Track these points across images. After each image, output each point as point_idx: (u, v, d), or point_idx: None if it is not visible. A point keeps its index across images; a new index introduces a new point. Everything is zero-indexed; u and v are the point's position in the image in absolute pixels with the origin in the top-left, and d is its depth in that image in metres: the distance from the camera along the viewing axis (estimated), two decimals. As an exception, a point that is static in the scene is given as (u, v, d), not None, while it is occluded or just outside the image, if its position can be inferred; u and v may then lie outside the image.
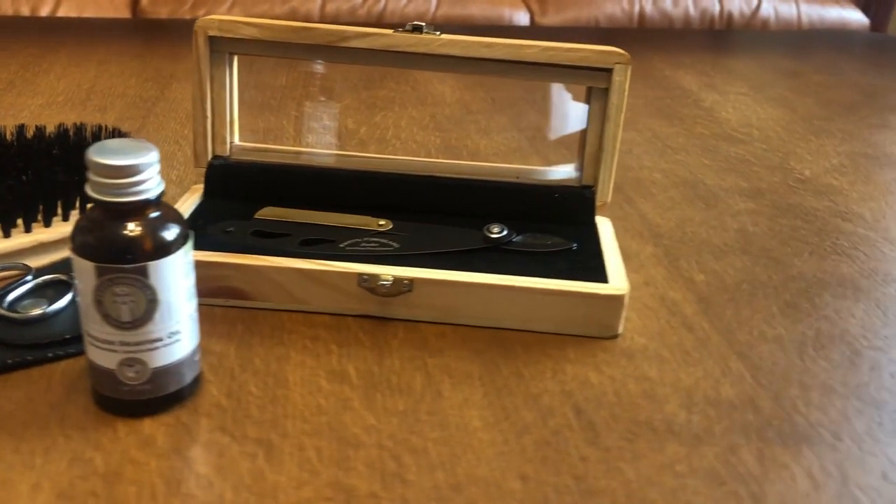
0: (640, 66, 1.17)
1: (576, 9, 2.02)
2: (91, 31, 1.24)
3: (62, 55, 1.06)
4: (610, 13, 2.05)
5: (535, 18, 1.99)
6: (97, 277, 0.40)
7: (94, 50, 1.09)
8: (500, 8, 1.98)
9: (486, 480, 0.41)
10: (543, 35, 1.37)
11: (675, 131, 0.91)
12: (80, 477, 0.40)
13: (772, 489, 0.42)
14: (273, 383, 0.47)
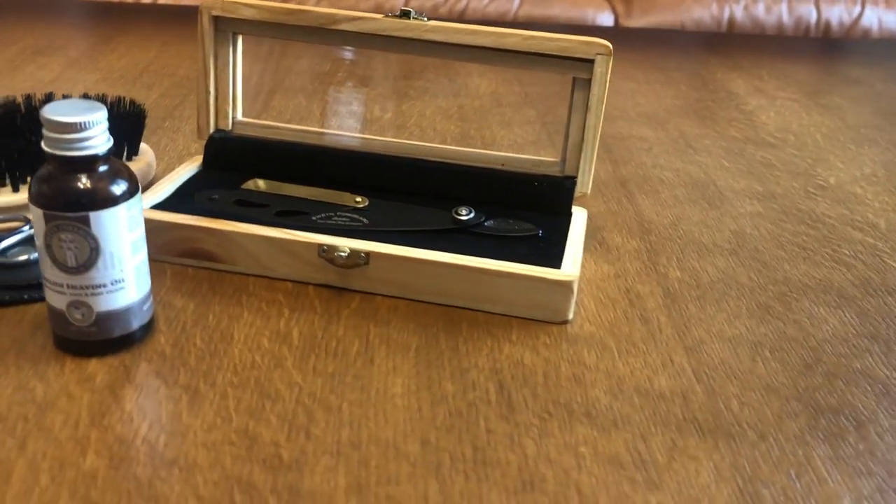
0: (692, 67, 1.14)
1: (662, 12, 1.99)
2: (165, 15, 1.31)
3: (131, 37, 1.14)
4: (698, 18, 2.01)
5: (619, 20, 1.97)
6: (46, 223, 0.44)
7: (160, 33, 1.16)
8: (584, 9, 1.97)
9: (388, 442, 0.43)
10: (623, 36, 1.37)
11: (704, 133, 0.89)
12: (18, 402, 0.44)
13: (671, 479, 0.42)
14: (218, 338, 0.50)
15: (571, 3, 2.02)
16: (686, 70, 1.12)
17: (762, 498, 0.41)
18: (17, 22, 1.17)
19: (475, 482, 0.41)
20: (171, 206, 0.59)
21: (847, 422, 0.47)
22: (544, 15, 1.99)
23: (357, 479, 0.40)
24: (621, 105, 0.96)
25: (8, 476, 0.39)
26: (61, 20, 1.21)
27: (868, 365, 0.52)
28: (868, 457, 0.44)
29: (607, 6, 2.02)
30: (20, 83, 0.91)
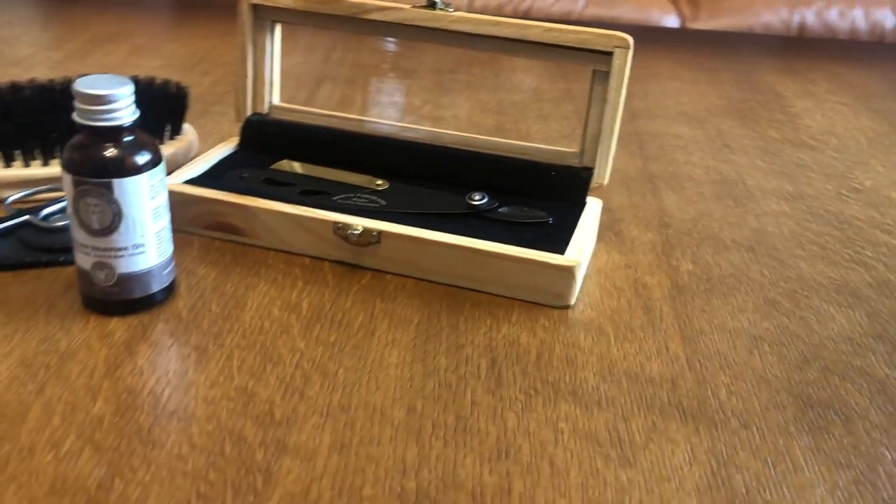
0: (743, 69, 1.13)
1: (730, 15, 1.96)
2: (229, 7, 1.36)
3: (195, 26, 1.19)
4: (767, 22, 1.97)
5: (685, 23, 1.95)
6: (74, 188, 0.48)
7: (223, 24, 1.21)
8: (649, 10, 1.96)
9: (375, 406, 0.45)
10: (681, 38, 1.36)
11: (743, 133, 0.89)
12: (42, 352, 0.48)
13: (645, 458, 0.43)
14: (232, 305, 0.53)
15: (636, 5, 2.01)
16: (736, 71, 1.11)
17: (733, 481, 0.41)
18: (90, 11, 1.24)
19: (452, 448, 0.42)
20: (203, 182, 0.63)
21: (836, 416, 0.47)
22: (609, 16, 1.98)
23: (341, 438, 0.43)
24: (663, 104, 0.96)
25: (25, 415, 0.43)
26: (132, 9, 1.27)
27: (869, 363, 0.51)
28: (851, 450, 0.44)
29: (672, 8, 2.01)
30: (86, 68, 0.97)
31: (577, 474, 0.41)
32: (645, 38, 1.26)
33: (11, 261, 0.55)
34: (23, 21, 1.16)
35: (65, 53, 1.01)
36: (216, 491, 0.39)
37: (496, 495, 0.40)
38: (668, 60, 1.15)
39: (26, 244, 0.57)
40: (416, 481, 0.40)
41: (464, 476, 0.41)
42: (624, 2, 2.01)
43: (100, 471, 0.40)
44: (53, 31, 1.11)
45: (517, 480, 0.41)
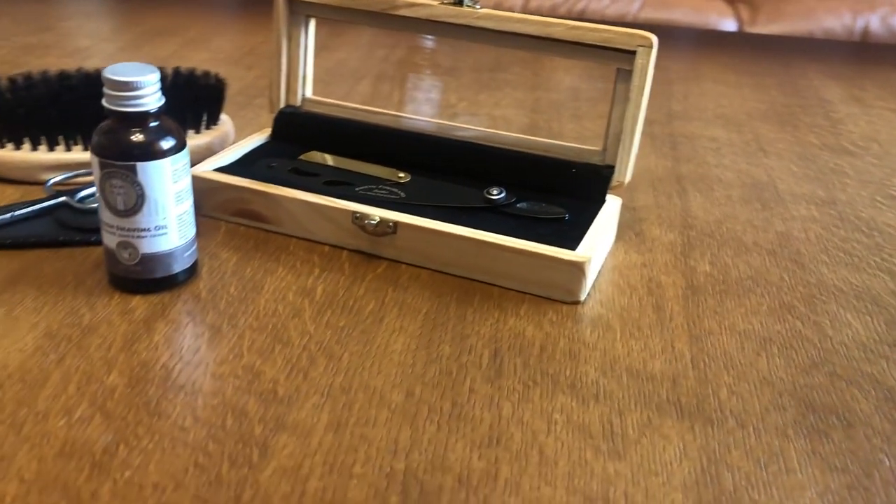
0: (789, 73, 1.11)
1: (790, 20, 1.92)
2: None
3: (245, 21, 1.22)
4: (828, 27, 1.92)
5: (743, 27, 1.92)
6: (101, 170, 0.50)
7: (279, 22, 1.24)
8: (707, 14, 1.93)
9: (375, 390, 0.46)
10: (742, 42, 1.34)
11: (780, 137, 0.87)
12: (67, 325, 0.50)
13: (635, 452, 0.43)
14: (250, 288, 0.55)
15: (693, 8, 1.98)
16: (782, 76, 1.09)
17: (722, 479, 0.41)
18: (148, 5, 1.28)
19: (445, 432, 0.43)
20: (233, 170, 0.65)
21: (837, 421, 0.46)
22: (664, 19, 1.96)
23: (338, 418, 0.44)
24: (702, 106, 0.96)
25: (44, 382, 0.45)
26: (187, 4, 1.31)
27: (880, 370, 0.51)
28: (848, 455, 0.44)
29: (731, 13, 1.97)
30: (136, 59, 1.01)
31: (565, 464, 0.42)
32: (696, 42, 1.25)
33: (46, 239, 0.58)
34: (84, 14, 1.21)
35: (119, 45, 1.05)
36: (213, 461, 0.41)
37: (482, 480, 0.41)
38: (715, 64, 1.14)
39: (62, 224, 0.60)
40: (406, 462, 0.41)
41: (453, 460, 0.42)
42: (680, 4, 1.99)
43: (107, 437, 0.42)
44: (111, 23, 1.16)
45: (505, 466, 0.42)
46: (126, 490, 0.39)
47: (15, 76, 0.71)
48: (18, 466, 0.40)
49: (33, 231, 0.59)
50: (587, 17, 1.98)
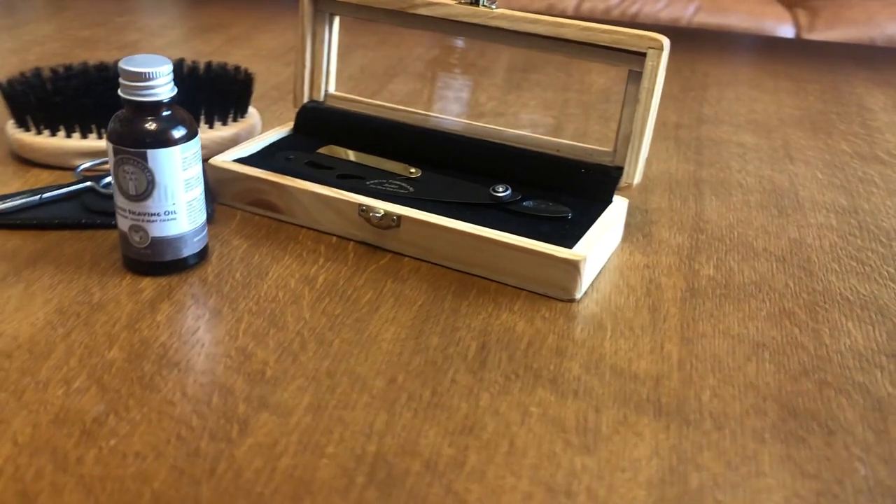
0: (832, 79, 1.09)
1: (850, 26, 1.87)
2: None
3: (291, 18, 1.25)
4: (891, 34, 1.87)
5: (800, 33, 1.88)
6: (115, 156, 0.53)
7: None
8: (763, 19, 1.89)
9: (359, 375, 0.48)
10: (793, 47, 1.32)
11: (811, 144, 0.86)
12: (77, 302, 0.53)
13: (606, 448, 0.43)
14: (255, 274, 0.57)
15: (750, 13, 1.95)
16: (825, 82, 1.07)
17: (689, 479, 0.42)
18: (198, 2, 1.32)
19: (420, 419, 0.45)
20: (252, 161, 0.67)
21: (818, 428, 0.46)
22: (719, 23, 1.93)
23: (319, 400, 0.46)
24: (734, 111, 0.94)
25: (49, 354, 0.48)
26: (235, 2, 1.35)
27: (872, 380, 0.50)
28: (823, 462, 0.43)
29: (789, 18, 1.93)
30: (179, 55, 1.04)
31: (534, 455, 0.43)
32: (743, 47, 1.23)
33: (70, 221, 0.61)
34: (138, 10, 1.25)
35: (166, 41, 1.10)
36: (195, 435, 0.43)
37: (448, 466, 0.42)
38: (757, 69, 1.12)
39: (86, 207, 0.63)
40: (378, 445, 0.43)
41: (423, 445, 0.43)
42: (736, 9, 1.95)
43: (99, 408, 0.44)
44: (161, 19, 1.20)
45: (473, 454, 0.42)
46: (109, 457, 0.41)
47: (56, 67, 0.75)
48: (14, 430, 0.42)
49: (58, 213, 0.62)
50: (640, 20, 1.96)
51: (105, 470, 0.40)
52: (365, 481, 0.40)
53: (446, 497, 0.40)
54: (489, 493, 0.40)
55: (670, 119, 0.91)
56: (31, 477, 0.40)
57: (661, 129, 0.88)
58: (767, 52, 1.24)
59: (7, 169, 0.71)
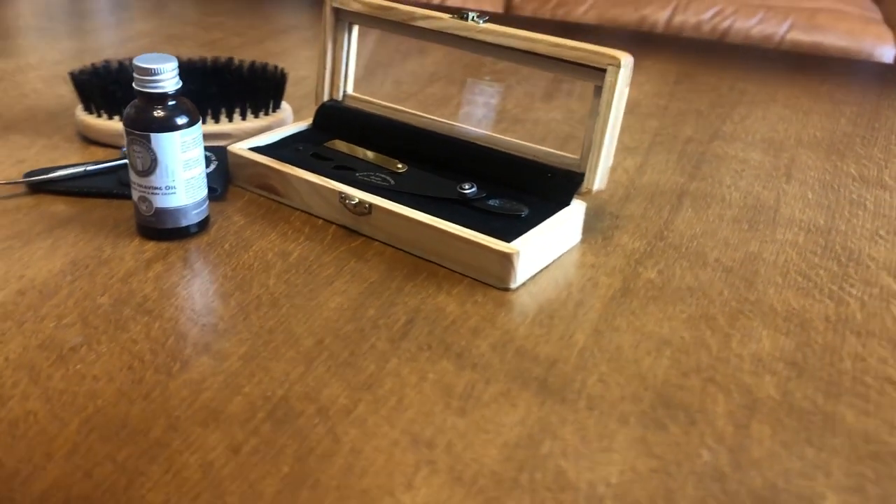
0: (878, 103, 1.07)
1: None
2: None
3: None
4: None
5: (903, 55, 1.81)
6: (127, 137, 0.63)
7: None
8: (862, 38, 1.84)
9: (293, 334, 0.56)
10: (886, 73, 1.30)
11: (818, 165, 0.87)
12: (89, 256, 0.64)
13: (479, 412, 0.49)
14: (241, 246, 0.66)
15: (848, 32, 1.89)
16: (865, 104, 1.06)
17: (541, 445, 0.47)
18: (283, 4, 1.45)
19: (330, 374, 0.52)
20: (266, 150, 0.76)
21: (684, 418, 0.50)
22: (812, 41, 1.89)
23: (253, 351, 0.54)
24: (754, 129, 0.96)
25: (53, 295, 0.59)
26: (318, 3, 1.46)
27: (758, 383, 0.53)
28: (672, 447, 0.48)
29: (891, 38, 1.87)
30: (251, 54, 1.16)
31: (414, 412, 0.49)
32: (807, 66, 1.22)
33: (104, 191, 0.73)
34: (227, 10, 1.39)
35: (244, 40, 1.22)
36: (144, 367, 0.52)
37: (338, 413, 0.49)
38: (800, 89, 1.13)
39: (120, 181, 0.74)
40: (286, 391, 0.51)
41: (324, 395, 0.50)
42: (834, 27, 1.91)
43: (77, 339, 0.54)
44: (247, 20, 1.33)
45: (363, 406, 0.50)
46: (72, 377, 0.51)
47: (120, 60, 0.87)
48: (8, 350, 0.53)
49: (96, 184, 0.73)
50: (731, 35, 1.95)
51: (65, 386, 0.50)
52: (264, 416, 0.48)
53: (325, 436, 0.47)
54: (362, 436, 0.47)
55: (684, 133, 0.94)
56: (9, 385, 0.50)
57: (672, 142, 0.91)
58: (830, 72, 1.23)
59: (73, 146, 0.84)
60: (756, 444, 0.48)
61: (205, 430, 0.47)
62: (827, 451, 0.48)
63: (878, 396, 0.53)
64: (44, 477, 0.44)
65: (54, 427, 0.47)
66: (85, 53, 1.13)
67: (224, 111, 0.84)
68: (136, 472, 0.44)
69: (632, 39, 1.46)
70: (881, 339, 0.59)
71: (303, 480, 0.44)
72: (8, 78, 1.02)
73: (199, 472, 0.44)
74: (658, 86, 1.10)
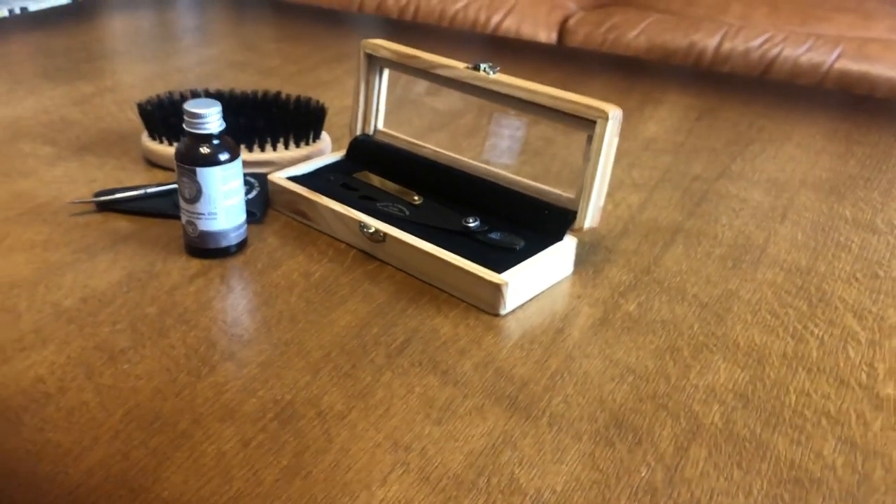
0: (893, 143, 1.11)
1: None
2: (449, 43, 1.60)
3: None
4: None
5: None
6: (177, 169, 0.74)
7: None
8: (911, 69, 1.85)
9: (305, 347, 0.65)
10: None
11: (814, 206, 0.92)
12: (142, 270, 0.74)
13: (453, 423, 0.58)
14: (271, 265, 0.76)
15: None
16: (880, 145, 1.10)
17: (500, 455, 0.55)
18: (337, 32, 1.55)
19: (331, 384, 0.61)
20: (301, 179, 0.86)
21: (631, 437, 0.57)
22: (861, 71, 1.91)
23: (269, 359, 0.63)
24: (762, 168, 1.02)
25: (110, 303, 0.69)
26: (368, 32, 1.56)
27: (706, 411, 0.60)
28: (615, 462, 0.55)
29: (941, 69, 1.86)
30: (303, 81, 1.26)
31: (398, 419, 0.58)
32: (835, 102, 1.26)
33: (160, 212, 0.84)
34: (287, 38, 1.50)
35: (299, 68, 1.32)
36: (178, 368, 0.62)
37: (334, 417, 0.58)
38: (817, 126, 1.17)
39: (175, 203, 0.85)
40: (293, 396, 0.60)
41: (324, 401, 0.59)
42: (884, 57, 1.92)
43: (125, 343, 0.65)
44: (302, 47, 1.44)
45: (355, 412, 0.59)
46: (119, 375, 0.61)
47: (182, 91, 0.98)
48: (70, 349, 0.64)
49: (155, 205, 0.84)
50: (779, 63, 1.98)
51: (113, 382, 0.60)
52: (272, 417, 0.58)
53: (321, 436, 0.56)
54: (351, 438, 0.56)
55: (693, 171, 1.00)
56: (69, 379, 0.61)
57: (679, 179, 0.98)
58: (854, 109, 1.27)
59: (138, 167, 0.95)
60: (691, 465, 0.56)
61: (222, 425, 0.57)
62: (753, 474, 0.55)
63: (811, 428, 0.59)
64: (91, 456, 0.54)
65: (101, 416, 0.57)
66: (156, 78, 1.25)
67: (269, 141, 0.95)
68: (164, 457, 0.54)
69: (666, 72, 1.52)
70: (829, 376, 0.65)
71: (297, 472, 0.54)
72: (88, 101, 1.15)
73: (213, 460, 0.54)
74: (679, 122, 1.16)
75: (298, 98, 0.99)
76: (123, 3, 1.71)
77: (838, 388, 0.64)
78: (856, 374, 0.65)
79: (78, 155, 0.98)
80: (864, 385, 0.64)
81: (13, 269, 0.74)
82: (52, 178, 0.92)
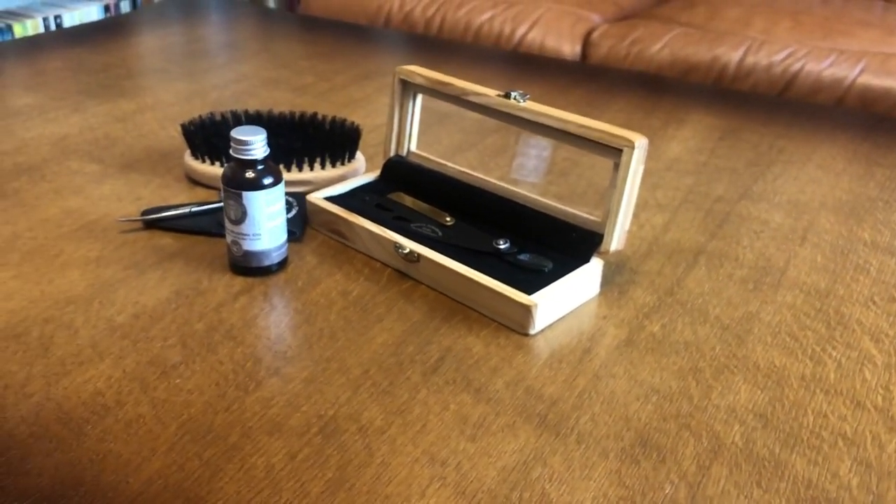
0: (910, 167, 1.13)
1: None
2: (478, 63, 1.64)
3: (444, 71, 1.48)
4: None
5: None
6: (224, 193, 0.78)
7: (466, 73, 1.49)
8: (933, 86, 1.86)
9: (345, 364, 0.69)
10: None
11: (834, 229, 0.94)
12: (189, 287, 0.78)
13: (486, 439, 0.61)
14: (310, 283, 0.80)
15: (920, 78, 1.91)
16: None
17: (531, 471, 0.59)
18: (370, 49, 1.59)
19: (371, 400, 0.65)
20: (338, 199, 0.90)
21: (655, 456, 0.60)
22: (884, 86, 1.92)
23: (312, 375, 0.67)
24: (783, 190, 1.04)
25: (160, 319, 0.73)
26: (400, 50, 1.60)
27: (726, 430, 0.63)
28: (641, 479, 0.58)
29: (964, 85, 1.88)
30: (335, 98, 1.30)
31: (435, 435, 0.61)
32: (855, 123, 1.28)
33: (205, 230, 0.88)
34: (319, 54, 1.54)
35: (331, 85, 1.36)
36: (227, 384, 0.66)
37: (374, 432, 0.61)
38: (841, 149, 1.19)
39: (219, 222, 0.89)
40: (335, 411, 0.63)
41: (364, 416, 0.63)
42: (907, 73, 1.93)
43: (177, 359, 0.69)
44: (335, 64, 1.48)
45: (394, 428, 0.62)
46: (172, 389, 0.65)
47: (223, 112, 1.02)
48: (125, 363, 0.68)
49: (199, 224, 0.88)
50: (801, 77, 2.00)
51: (167, 396, 0.64)
52: (316, 431, 0.61)
53: (362, 450, 0.60)
54: (390, 452, 0.60)
55: (715, 192, 1.03)
56: (125, 392, 0.65)
57: (702, 200, 1.01)
58: (874, 130, 1.29)
59: (181, 185, 1.00)
60: (713, 483, 0.59)
61: (270, 438, 0.61)
62: (772, 492, 0.58)
63: (828, 449, 0.62)
64: (150, 466, 0.58)
65: (158, 428, 0.61)
66: (194, 95, 1.29)
67: (307, 161, 0.98)
68: (217, 469, 0.58)
69: (688, 90, 1.55)
70: (846, 398, 0.68)
71: (342, 484, 0.57)
72: (130, 118, 1.20)
73: (263, 472, 0.58)
74: (702, 142, 1.19)
75: (334, 119, 1.03)
76: (154, 19, 1.76)
77: (854, 410, 0.66)
78: (872, 396, 0.68)
79: (123, 172, 1.02)
80: (879, 408, 0.67)
81: (69, 285, 0.79)
82: (100, 195, 0.96)
